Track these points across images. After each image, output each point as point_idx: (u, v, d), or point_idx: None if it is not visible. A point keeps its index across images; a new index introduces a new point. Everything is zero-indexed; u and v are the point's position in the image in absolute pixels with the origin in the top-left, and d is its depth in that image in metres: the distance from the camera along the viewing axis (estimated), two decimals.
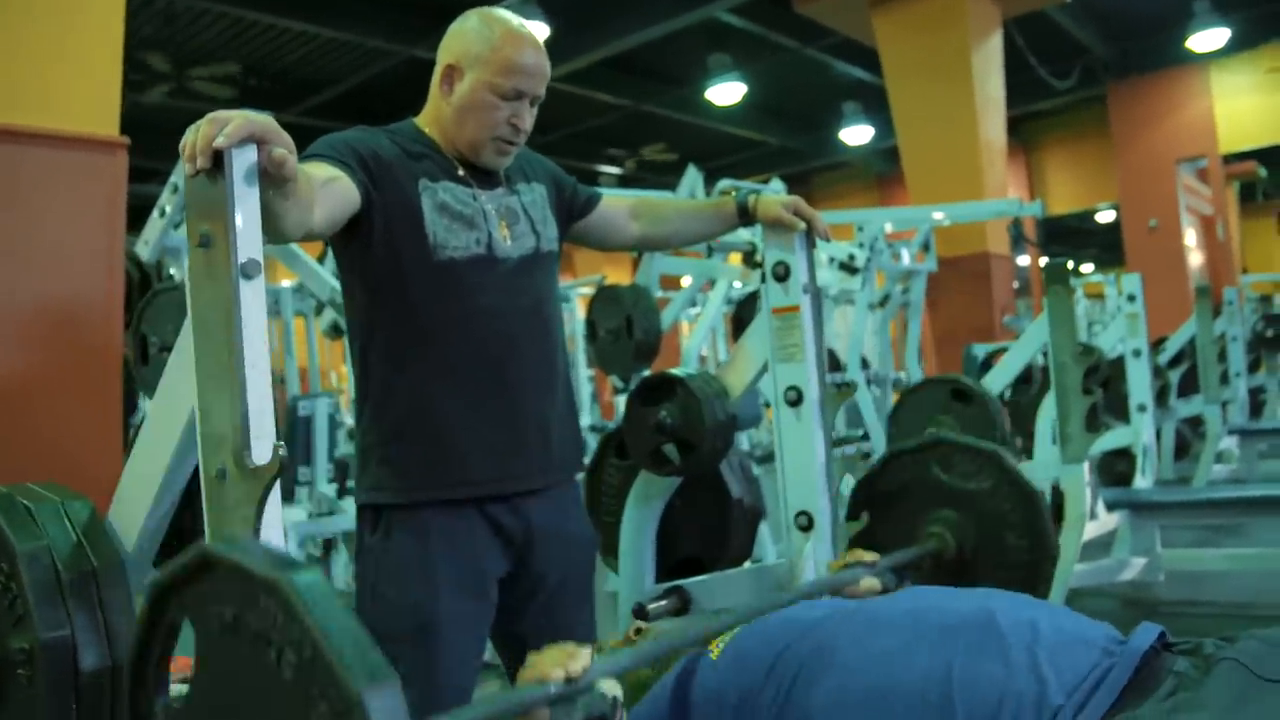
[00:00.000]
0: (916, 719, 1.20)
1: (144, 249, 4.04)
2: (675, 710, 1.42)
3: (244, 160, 1.25)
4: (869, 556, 1.93)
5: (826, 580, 1.89)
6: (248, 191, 1.26)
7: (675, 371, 2.18)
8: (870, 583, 1.87)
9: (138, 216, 4.13)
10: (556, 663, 1.25)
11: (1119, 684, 1.17)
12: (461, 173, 1.80)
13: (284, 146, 1.28)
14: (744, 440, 5.40)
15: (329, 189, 1.57)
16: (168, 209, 3.96)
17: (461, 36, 1.78)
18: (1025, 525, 2.16)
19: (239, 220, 1.24)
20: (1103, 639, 1.28)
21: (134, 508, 1.53)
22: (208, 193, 1.26)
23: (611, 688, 1.31)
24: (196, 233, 1.28)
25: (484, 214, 1.78)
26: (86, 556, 1.47)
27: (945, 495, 2.23)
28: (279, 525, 1.28)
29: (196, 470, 1.34)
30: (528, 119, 1.80)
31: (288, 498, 5.01)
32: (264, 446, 1.25)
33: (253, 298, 1.26)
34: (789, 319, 2.10)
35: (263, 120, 1.26)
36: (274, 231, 1.42)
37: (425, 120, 1.85)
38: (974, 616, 1.31)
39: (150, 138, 4.46)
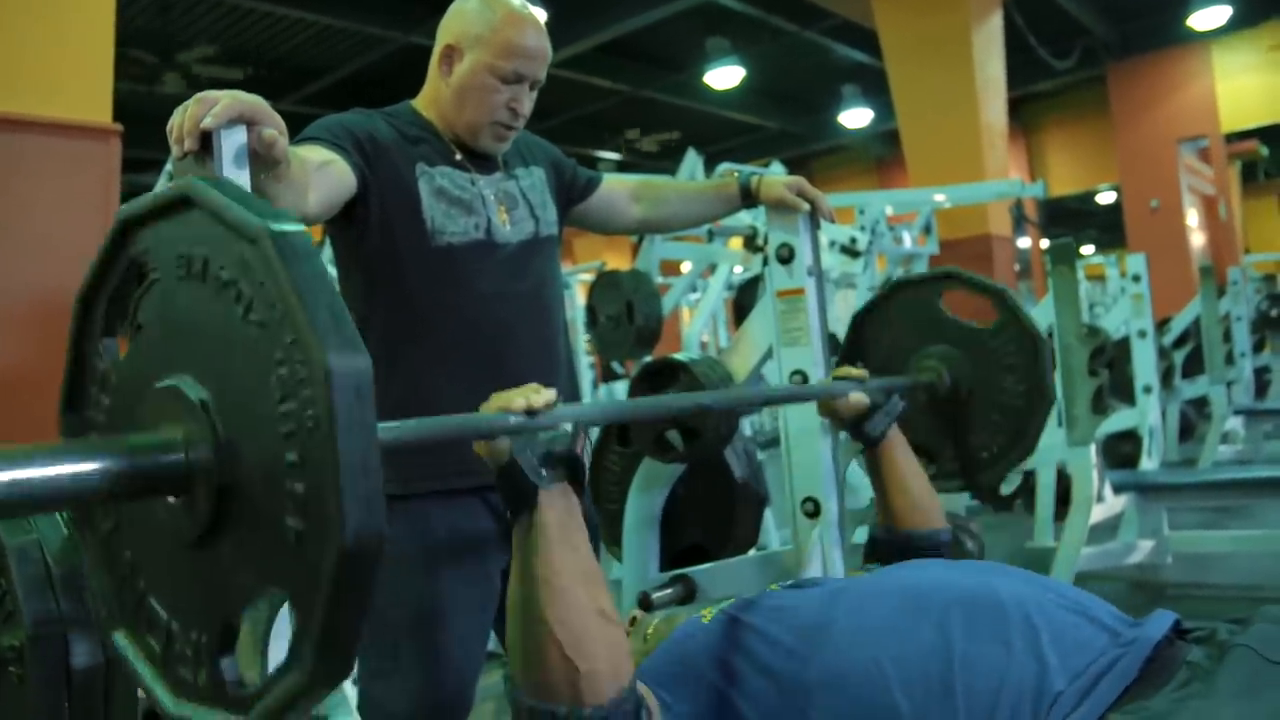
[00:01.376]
0: (916, 697, 1.18)
1: None
2: (674, 676, 1.39)
3: (233, 141, 1.21)
4: (858, 372, 1.95)
5: (816, 387, 1.92)
6: (237, 174, 1.22)
7: (678, 357, 2.15)
8: (859, 396, 1.92)
9: None
10: (519, 396, 1.26)
11: (1129, 674, 1.14)
12: (459, 157, 1.77)
13: (274, 127, 1.24)
14: (747, 426, 5.37)
15: (324, 172, 1.53)
16: None
17: (461, 16, 1.75)
18: (1025, 369, 2.15)
19: None
20: (1111, 619, 1.25)
21: None
22: (196, 175, 1.22)
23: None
24: None
25: (482, 199, 1.75)
26: (77, 550, 1.44)
27: (945, 330, 2.24)
28: None
29: None
30: (527, 103, 1.77)
31: None
32: None
33: None
34: (794, 302, 2.06)
35: (251, 100, 1.22)
36: None
37: (423, 102, 1.82)
38: (975, 592, 1.28)
39: (147, 127, 4.43)
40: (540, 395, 1.27)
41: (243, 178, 1.22)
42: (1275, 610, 1.19)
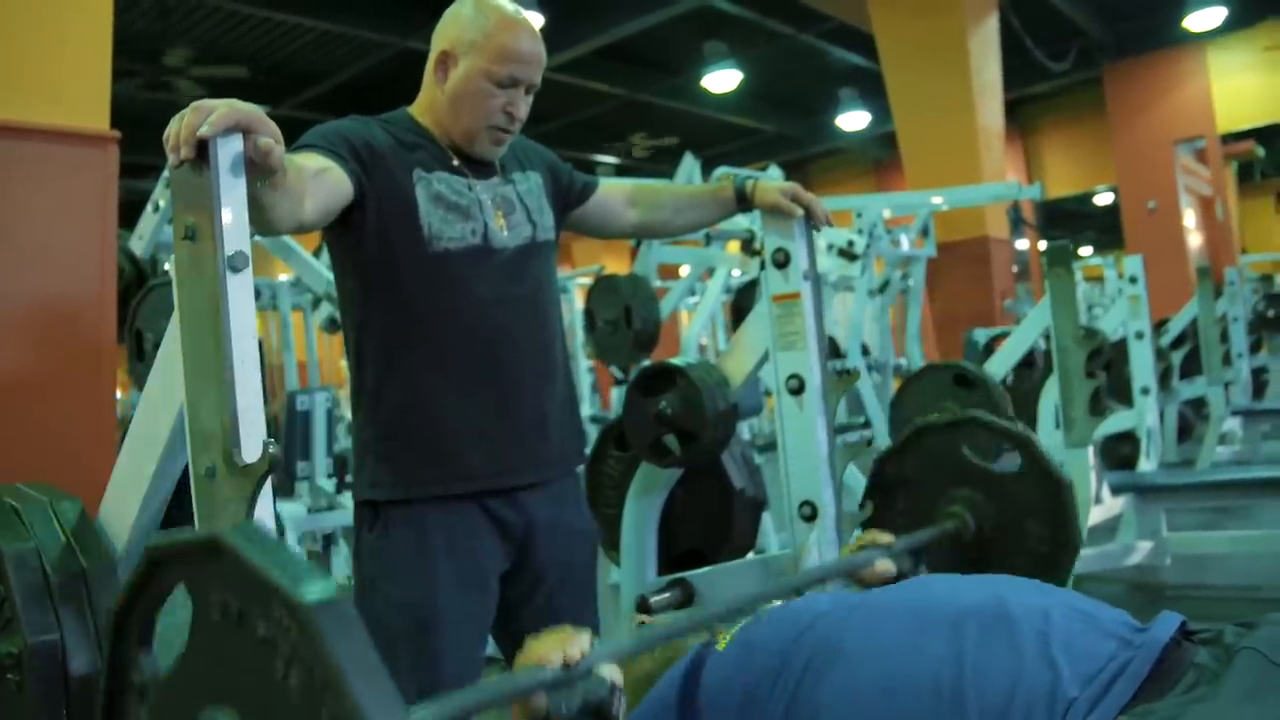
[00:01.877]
0: (928, 710, 1.17)
1: (138, 244, 4.01)
2: (683, 701, 1.39)
3: (229, 150, 1.21)
4: (885, 538, 1.89)
5: (841, 563, 1.86)
6: (233, 182, 1.22)
7: (675, 361, 2.15)
8: (885, 565, 1.84)
9: (134, 211, 4.10)
10: (555, 647, 1.24)
11: (1139, 677, 1.14)
12: (456, 162, 1.77)
13: (270, 135, 1.24)
14: (745, 429, 5.37)
15: (320, 180, 1.54)
16: (161, 203, 3.93)
17: (456, 22, 1.76)
18: (1050, 513, 2.12)
19: (225, 212, 1.21)
20: (1120, 626, 1.25)
21: (124, 508, 1.51)
22: (192, 184, 1.23)
23: (611, 673, 1.29)
24: (182, 225, 1.25)
25: (479, 204, 1.75)
26: (76, 558, 1.44)
27: (968, 475, 2.19)
28: (270, 524, 1.25)
29: (187, 468, 1.31)
30: (523, 107, 1.77)
31: (287, 493, 4.98)
32: (253, 444, 1.22)
33: (241, 291, 1.23)
34: (789, 306, 2.07)
35: (248, 109, 1.22)
36: (263, 223, 1.39)
37: (419, 109, 1.82)
38: (985, 604, 1.28)
39: (145, 132, 4.43)
40: (575, 646, 1.25)
41: (239, 185, 1.23)
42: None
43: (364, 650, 0.77)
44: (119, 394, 4.09)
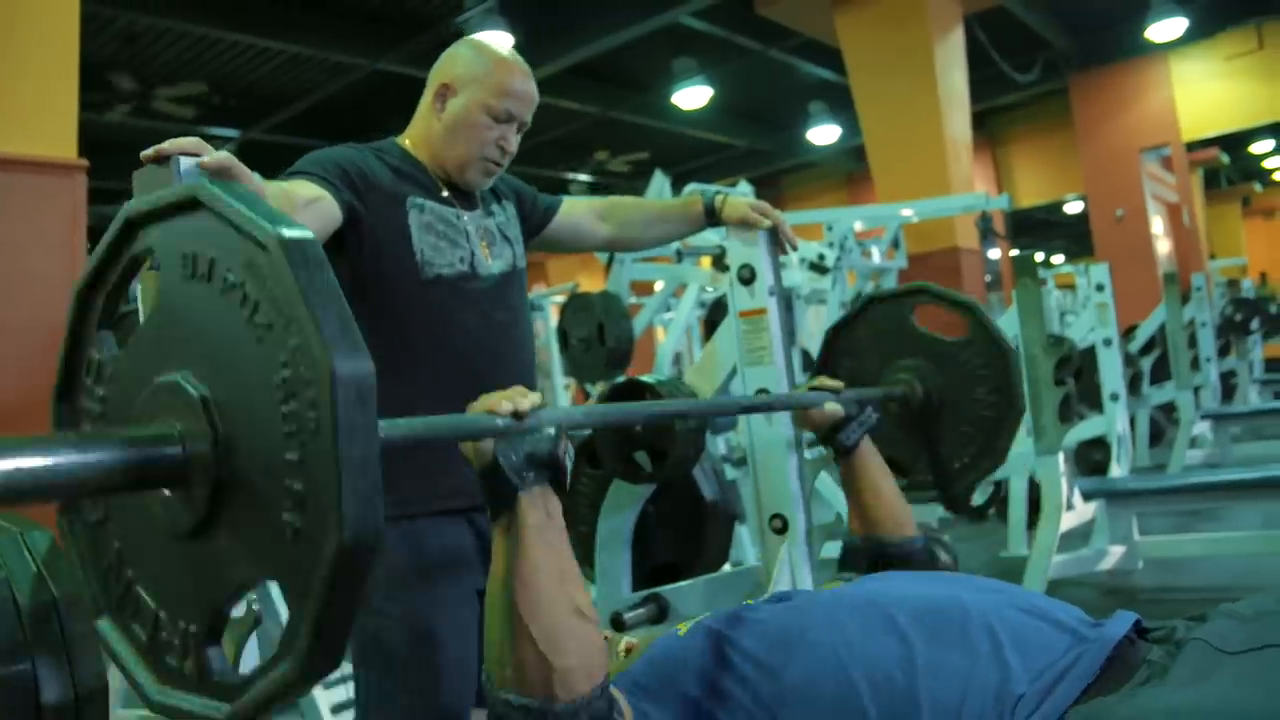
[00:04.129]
0: (883, 705, 1.21)
1: None
2: (651, 684, 1.41)
3: (190, 169, 1.25)
4: (833, 383, 2.01)
5: (790, 397, 1.97)
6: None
7: (644, 378, 2.17)
8: (833, 406, 1.98)
9: (99, 237, 4.09)
10: (506, 399, 1.29)
11: (1089, 673, 1.17)
12: (445, 194, 1.84)
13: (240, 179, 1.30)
14: (721, 444, 5.39)
15: (311, 209, 1.59)
16: None
17: (455, 60, 1.85)
18: (995, 380, 2.20)
19: None
20: (1074, 622, 1.28)
21: None
22: (155, 183, 1.26)
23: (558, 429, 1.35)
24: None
25: (466, 234, 1.82)
26: (47, 587, 1.44)
27: (917, 343, 2.30)
28: None
29: None
30: (513, 142, 1.86)
31: None
32: None
33: None
34: (756, 322, 2.09)
35: (228, 157, 1.29)
36: None
37: (411, 140, 1.89)
38: (941, 603, 1.31)
39: (113, 158, 4.42)
40: (526, 399, 1.31)
41: None
42: (1230, 606, 1.22)
43: (332, 291, 0.79)
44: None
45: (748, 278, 2.09)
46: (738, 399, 1.95)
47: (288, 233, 0.79)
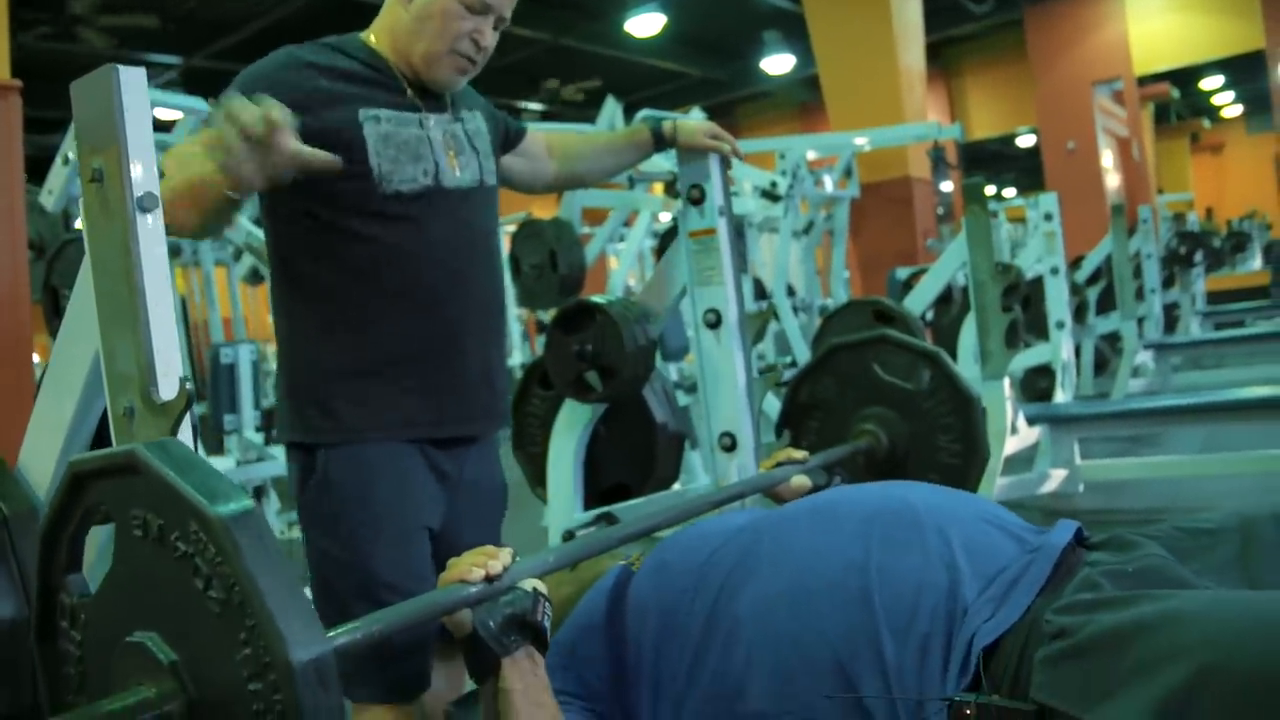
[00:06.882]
0: (838, 612, 1.21)
1: (48, 199, 3.92)
2: (610, 622, 1.42)
3: (133, 80, 1.20)
4: (799, 454, 1.93)
5: (757, 479, 1.89)
6: (140, 119, 1.22)
7: (594, 299, 2.18)
8: (801, 480, 1.88)
9: (43, 167, 4.00)
10: (476, 563, 1.26)
11: (1038, 580, 1.19)
12: (409, 94, 1.71)
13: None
14: (673, 371, 5.43)
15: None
16: (70, 155, 3.83)
17: None
18: (959, 429, 2.20)
19: (132, 151, 1.20)
20: (1020, 529, 1.31)
21: (43, 454, 1.50)
22: (98, 125, 1.22)
23: (534, 585, 1.31)
24: (88, 169, 1.23)
25: (429, 142, 1.70)
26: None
27: (881, 391, 2.27)
28: None
29: (106, 412, 1.31)
30: (490, 38, 1.72)
31: (216, 449, 4.94)
32: (170, 382, 1.22)
33: (151, 232, 1.22)
34: (706, 242, 2.10)
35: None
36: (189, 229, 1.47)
37: (376, 32, 1.75)
38: (892, 506, 1.32)
39: (52, 85, 4.30)
40: (496, 559, 1.27)
41: (145, 122, 1.22)
42: (1180, 520, 1.28)
43: (278, 564, 0.80)
44: (36, 357, 3.99)
45: (697, 198, 2.10)
46: (706, 495, 1.86)
47: (225, 509, 0.81)
